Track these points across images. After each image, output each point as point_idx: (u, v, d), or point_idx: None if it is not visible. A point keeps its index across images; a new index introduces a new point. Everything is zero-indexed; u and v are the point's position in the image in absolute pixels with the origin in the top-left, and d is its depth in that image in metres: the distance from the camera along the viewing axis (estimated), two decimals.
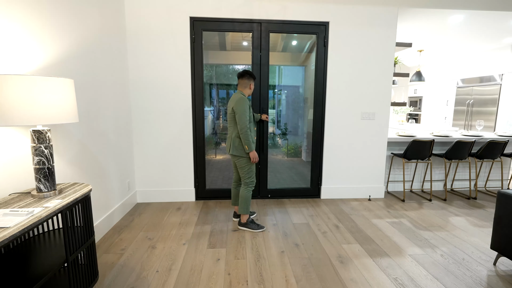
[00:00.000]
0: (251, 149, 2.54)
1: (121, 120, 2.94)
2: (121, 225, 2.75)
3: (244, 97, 2.54)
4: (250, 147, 2.54)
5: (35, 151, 1.43)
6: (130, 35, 3.07)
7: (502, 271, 2.05)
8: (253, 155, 2.57)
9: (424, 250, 2.33)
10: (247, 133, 2.51)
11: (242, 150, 2.58)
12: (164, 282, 1.88)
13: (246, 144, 2.53)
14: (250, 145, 2.53)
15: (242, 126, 2.50)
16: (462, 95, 6.26)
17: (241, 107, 2.49)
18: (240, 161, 2.62)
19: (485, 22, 3.95)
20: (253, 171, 2.66)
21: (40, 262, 1.33)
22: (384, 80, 3.42)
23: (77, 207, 1.54)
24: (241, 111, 2.49)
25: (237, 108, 2.50)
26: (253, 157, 2.57)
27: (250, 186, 2.66)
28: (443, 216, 3.07)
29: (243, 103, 2.50)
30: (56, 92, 1.41)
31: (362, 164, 3.56)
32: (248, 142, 2.52)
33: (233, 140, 2.60)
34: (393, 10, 3.27)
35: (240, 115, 2.49)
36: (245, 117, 2.49)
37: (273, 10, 3.16)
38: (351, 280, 1.92)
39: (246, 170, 2.63)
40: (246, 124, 2.49)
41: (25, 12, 1.64)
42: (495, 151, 3.59)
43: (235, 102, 2.51)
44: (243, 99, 2.52)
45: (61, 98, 1.44)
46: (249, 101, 2.59)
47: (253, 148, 2.55)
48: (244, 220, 2.68)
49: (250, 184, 2.65)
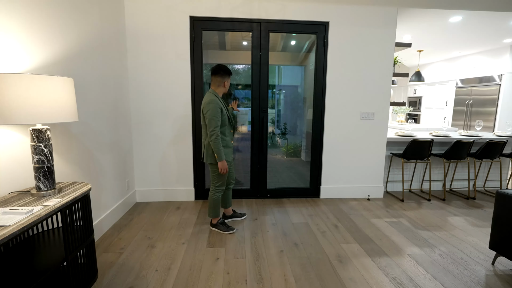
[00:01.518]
0: (220, 159, 2.32)
1: (120, 120, 2.94)
2: (121, 224, 2.75)
3: (215, 98, 2.32)
4: (220, 156, 2.32)
5: (34, 150, 1.43)
6: (129, 34, 3.07)
7: (500, 270, 2.06)
8: (222, 166, 2.34)
9: (422, 250, 2.33)
10: (216, 140, 2.29)
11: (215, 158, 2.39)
12: (163, 281, 1.88)
13: (216, 153, 2.32)
14: (220, 154, 2.31)
15: (211, 132, 2.28)
16: (462, 95, 6.27)
17: (211, 111, 2.26)
18: (214, 167, 2.47)
19: (484, 23, 3.96)
20: (223, 177, 2.51)
21: (39, 260, 1.33)
22: (384, 80, 3.42)
23: (76, 206, 1.54)
24: (210, 115, 2.26)
25: (206, 112, 2.28)
26: (222, 168, 2.35)
27: (218, 191, 2.55)
28: (442, 216, 3.07)
29: (213, 106, 2.27)
30: (55, 91, 1.41)
31: (361, 164, 3.57)
32: (218, 150, 2.30)
33: (206, 148, 2.42)
34: (392, 10, 3.28)
35: (210, 120, 2.26)
36: (215, 122, 2.26)
37: (272, 10, 3.16)
38: (350, 280, 1.93)
39: (215, 176, 2.49)
40: (215, 129, 2.28)
41: (24, 11, 1.64)
42: (494, 151, 3.60)
43: (205, 105, 2.30)
44: (213, 101, 2.29)
45: (61, 97, 1.44)
46: (221, 101, 2.39)
47: (223, 157, 2.33)
48: (214, 222, 2.62)
49: (218, 189, 2.54)
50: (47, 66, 1.83)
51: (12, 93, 1.28)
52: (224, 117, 2.39)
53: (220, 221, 2.64)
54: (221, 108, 2.35)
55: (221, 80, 2.40)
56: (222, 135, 2.43)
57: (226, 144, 2.48)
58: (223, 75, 2.39)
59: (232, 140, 2.55)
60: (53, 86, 1.40)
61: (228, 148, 2.50)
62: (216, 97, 2.35)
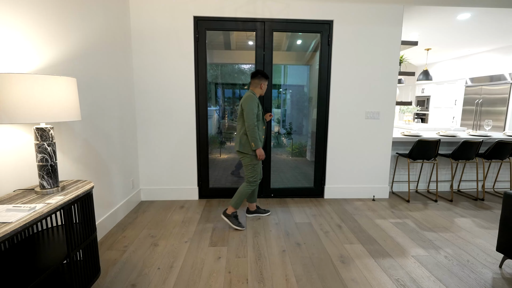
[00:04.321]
0: (257, 146, 2.58)
1: (125, 119, 2.98)
2: (125, 222, 2.79)
3: (253, 95, 2.60)
4: (257, 144, 2.57)
5: (38, 148, 1.46)
6: (134, 34, 3.10)
7: (508, 273, 2.01)
8: (259, 152, 2.60)
9: (427, 251, 2.30)
10: (254, 130, 2.55)
11: (248, 148, 2.62)
12: (165, 279, 1.90)
13: (253, 141, 2.57)
14: (257, 142, 2.57)
15: (249, 123, 2.55)
16: (471, 94, 6.14)
17: (249, 105, 2.55)
18: (245, 158, 2.66)
19: (494, 20, 3.87)
20: (257, 171, 2.68)
21: (42, 257, 1.36)
22: (389, 79, 3.38)
23: (79, 204, 1.56)
24: (248, 108, 2.55)
25: (245, 106, 2.56)
26: (259, 154, 2.60)
27: (251, 185, 2.68)
28: (448, 217, 3.02)
29: (251, 101, 2.55)
30: (59, 91, 1.43)
31: (366, 164, 3.53)
32: (254, 139, 2.56)
33: (240, 137, 2.66)
34: (398, 7, 3.23)
35: (248, 112, 2.54)
36: (252, 115, 2.54)
37: (276, 9, 3.15)
38: (352, 280, 1.91)
39: (249, 169, 2.66)
40: (253, 121, 2.54)
41: (30, 12, 1.68)
42: (504, 151, 3.51)
43: (244, 100, 2.59)
44: (251, 97, 2.57)
45: (64, 96, 1.46)
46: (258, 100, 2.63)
47: (259, 145, 2.59)
48: (229, 212, 2.69)
49: (252, 182, 2.68)
50: (53, 66, 1.86)
51: (16, 93, 1.30)
52: (259, 112, 2.65)
53: (234, 214, 2.71)
54: (258, 104, 2.62)
55: (258, 82, 2.66)
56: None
57: (259, 137, 2.66)
58: (260, 78, 2.65)
59: (263, 136, 2.73)
60: (56, 85, 1.42)
61: (261, 142, 2.67)
62: (254, 95, 2.62)
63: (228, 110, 3.72)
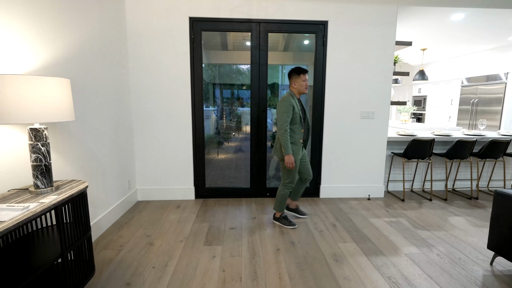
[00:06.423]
0: (287, 152, 2.45)
1: (121, 120, 2.99)
2: (121, 222, 2.80)
3: (288, 96, 2.50)
4: (287, 150, 2.44)
5: (32, 149, 1.48)
6: (130, 35, 3.12)
7: (498, 271, 2.04)
8: (289, 160, 2.45)
9: (420, 250, 2.32)
10: (284, 134, 2.44)
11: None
12: (159, 278, 1.92)
13: (283, 147, 2.46)
14: (286, 148, 2.44)
15: (279, 126, 2.46)
16: (467, 94, 6.18)
17: (281, 107, 2.46)
18: (282, 162, 2.61)
19: (488, 20, 3.90)
20: (292, 174, 2.61)
21: (36, 256, 1.38)
22: (384, 79, 3.41)
23: (73, 203, 1.58)
24: (280, 110, 2.46)
25: (277, 109, 2.50)
26: (288, 161, 2.46)
27: (287, 188, 2.67)
28: (442, 216, 3.04)
29: (283, 104, 2.46)
30: (52, 92, 1.45)
31: (362, 163, 3.55)
32: (285, 144, 2.44)
33: (276, 141, 2.60)
34: (392, 8, 3.26)
35: (279, 115, 2.46)
36: (284, 117, 2.43)
37: (271, 10, 3.17)
38: (345, 278, 1.93)
39: (285, 173, 2.62)
40: (284, 126, 2.44)
41: (25, 13, 1.69)
42: (497, 150, 3.54)
43: (278, 103, 2.52)
44: (284, 99, 2.48)
45: (57, 97, 1.48)
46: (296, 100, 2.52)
47: (289, 151, 2.45)
48: (277, 215, 2.76)
49: (287, 185, 2.66)
50: (49, 67, 1.88)
51: (10, 94, 1.32)
52: (296, 115, 2.51)
53: (283, 216, 2.75)
54: (293, 106, 2.48)
55: (291, 81, 2.57)
56: (291, 132, 2.55)
57: (295, 141, 2.57)
58: (291, 77, 2.56)
59: (301, 139, 2.61)
60: (50, 86, 1.44)
61: (296, 146, 2.58)
62: (290, 96, 2.52)
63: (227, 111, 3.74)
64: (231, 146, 3.81)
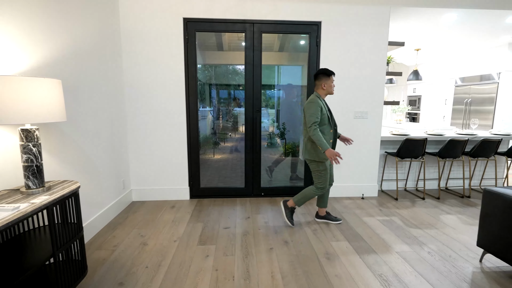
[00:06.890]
0: (325, 148, 2.38)
1: (115, 120, 3.00)
2: (116, 222, 2.80)
3: (315, 98, 2.51)
4: (323, 146, 2.39)
5: (23, 149, 1.48)
6: (124, 36, 3.12)
7: (487, 267, 2.07)
8: (330, 153, 2.38)
9: (411, 248, 2.35)
10: (315, 131, 2.41)
11: (314, 154, 2.54)
12: (153, 278, 1.92)
13: (320, 145, 2.40)
14: (322, 144, 2.39)
15: (309, 126, 2.45)
16: (460, 94, 6.24)
17: (310, 109, 2.47)
18: (312, 164, 2.60)
19: (479, 21, 3.95)
20: (325, 177, 2.59)
21: (27, 256, 1.38)
22: (377, 79, 3.44)
23: (64, 204, 1.59)
24: (309, 112, 2.47)
25: (306, 110, 2.50)
26: (329, 155, 2.38)
27: (318, 190, 2.62)
28: (434, 214, 3.08)
29: (312, 105, 2.47)
30: (43, 92, 1.45)
31: (355, 163, 3.58)
32: (320, 142, 2.40)
33: (305, 144, 2.60)
34: (385, 9, 3.29)
35: (309, 116, 2.46)
36: (314, 118, 2.44)
37: (265, 11, 3.19)
38: (336, 276, 1.95)
39: (317, 175, 2.60)
40: (314, 124, 2.43)
41: (18, 14, 1.69)
42: (489, 149, 3.59)
43: (305, 105, 2.52)
44: (312, 101, 2.49)
45: (49, 98, 1.48)
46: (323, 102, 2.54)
47: (327, 146, 2.39)
48: (289, 204, 2.75)
49: (319, 188, 2.62)
50: (42, 67, 1.88)
51: (1, 94, 1.32)
52: (324, 116, 2.52)
53: (292, 209, 2.76)
54: (321, 107, 2.51)
55: (318, 84, 2.57)
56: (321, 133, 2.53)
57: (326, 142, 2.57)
58: (320, 78, 2.55)
59: (331, 140, 2.60)
60: (41, 87, 1.45)
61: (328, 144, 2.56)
62: (317, 97, 2.53)
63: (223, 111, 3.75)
64: (227, 146, 3.83)
